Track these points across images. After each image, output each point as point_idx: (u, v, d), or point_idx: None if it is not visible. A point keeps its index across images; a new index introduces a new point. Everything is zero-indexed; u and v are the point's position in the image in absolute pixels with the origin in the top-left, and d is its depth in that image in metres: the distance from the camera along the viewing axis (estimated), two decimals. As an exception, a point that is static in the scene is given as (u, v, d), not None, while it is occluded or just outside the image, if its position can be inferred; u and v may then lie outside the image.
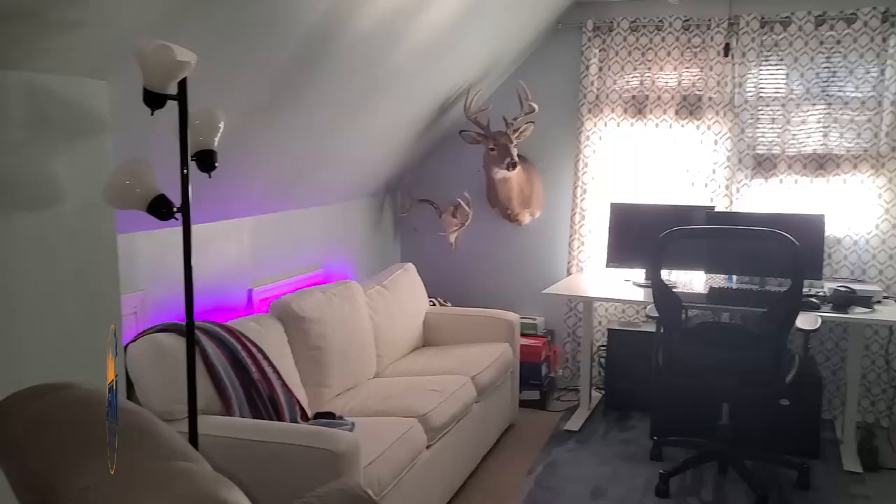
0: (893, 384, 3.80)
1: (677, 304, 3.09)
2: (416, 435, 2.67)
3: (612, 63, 4.13)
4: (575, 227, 4.27)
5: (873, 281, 3.74)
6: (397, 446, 2.51)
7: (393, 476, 2.44)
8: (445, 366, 3.40)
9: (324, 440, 2.15)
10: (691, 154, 4.05)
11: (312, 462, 2.10)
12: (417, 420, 2.73)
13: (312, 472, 2.06)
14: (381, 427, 2.60)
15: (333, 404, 2.92)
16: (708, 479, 3.22)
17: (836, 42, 3.76)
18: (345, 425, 2.53)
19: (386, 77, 3.17)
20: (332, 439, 2.15)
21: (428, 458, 2.75)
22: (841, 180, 3.83)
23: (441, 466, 2.87)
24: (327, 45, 2.61)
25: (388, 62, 3.07)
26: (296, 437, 2.21)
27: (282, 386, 2.61)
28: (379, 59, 2.99)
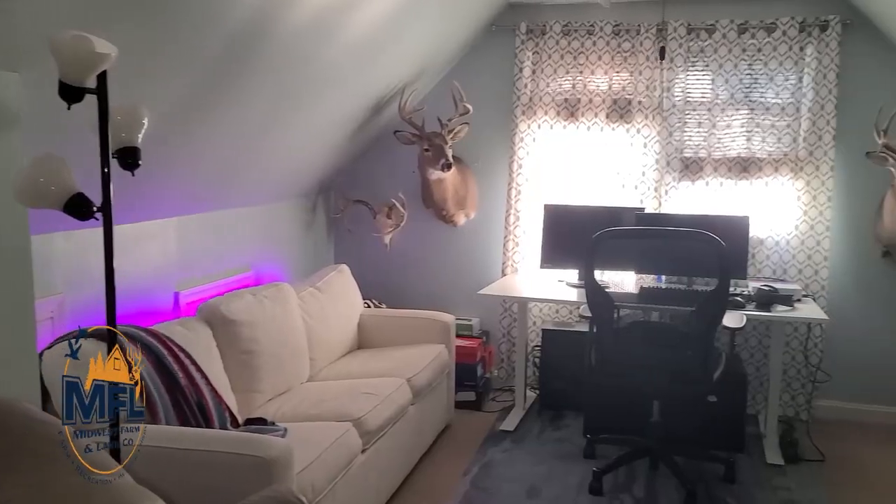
0: (811, 379, 3.96)
1: (609, 303, 3.13)
2: (350, 439, 2.63)
3: (545, 66, 4.17)
4: (509, 228, 4.30)
5: (793, 280, 3.89)
6: (331, 451, 2.46)
7: (327, 481, 2.39)
8: (381, 368, 3.36)
9: (255, 447, 2.09)
10: (622, 156, 4.13)
11: (243, 470, 2.04)
12: (352, 424, 2.69)
13: (243, 480, 2.00)
14: (315, 432, 2.55)
15: (265, 410, 2.85)
16: (640, 476, 3.28)
17: (758, 50, 3.89)
18: (277, 431, 2.46)
19: (319, 74, 3.12)
20: (264, 446, 2.09)
21: (363, 461, 2.71)
22: (763, 183, 3.97)
23: (376, 470, 2.83)
24: (258, 40, 2.55)
25: (321, 58, 3.01)
26: (225, 445, 2.14)
27: (210, 392, 2.52)
28: (312, 55, 2.94)
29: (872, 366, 3.97)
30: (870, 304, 3.96)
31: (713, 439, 3.50)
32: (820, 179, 3.86)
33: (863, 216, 3.90)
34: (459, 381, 4.00)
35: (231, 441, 2.20)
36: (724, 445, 3.48)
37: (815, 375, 3.94)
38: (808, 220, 3.90)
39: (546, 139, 4.24)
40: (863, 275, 3.96)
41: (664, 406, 3.24)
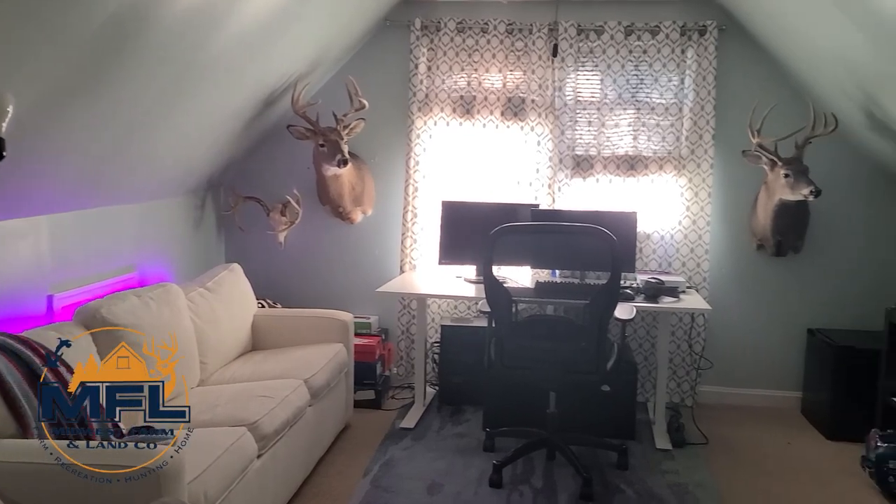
0: (695, 366, 4.16)
1: (507, 298, 3.16)
2: (245, 444, 2.52)
3: (441, 63, 4.18)
4: (407, 224, 4.27)
5: (678, 272, 4.08)
6: (226, 457, 2.35)
7: (222, 489, 2.28)
8: (276, 370, 3.25)
9: (141, 457, 1.96)
10: (516, 154, 4.19)
11: (130, 483, 1.91)
12: (247, 428, 2.59)
13: (130, 493, 1.88)
14: (207, 438, 2.42)
15: (152, 417, 2.69)
16: (538, 466, 3.33)
17: (643, 52, 4.05)
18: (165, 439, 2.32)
19: (205, 64, 2.97)
20: (151, 456, 1.97)
21: (259, 466, 2.61)
22: (649, 180, 4.14)
23: (274, 474, 2.74)
24: (138, 25, 2.39)
25: (207, 48, 2.87)
26: (108, 457, 2.00)
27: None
28: (197, 43, 2.79)
29: (750, 352, 4.22)
30: (747, 294, 4.21)
31: (606, 427, 3.61)
32: (701, 177, 4.06)
33: (740, 211, 4.13)
34: (358, 380, 3.94)
35: (115, 453, 2.05)
36: (616, 433, 3.60)
37: (699, 363, 4.15)
38: (690, 215, 4.10)
39: (442, 136, 4.24)
40: (740, 266, 4.20)
41: (560, 397, 3.31)
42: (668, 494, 3.10)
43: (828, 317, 4.09)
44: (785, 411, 4.14)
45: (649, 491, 3.13)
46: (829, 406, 3.77)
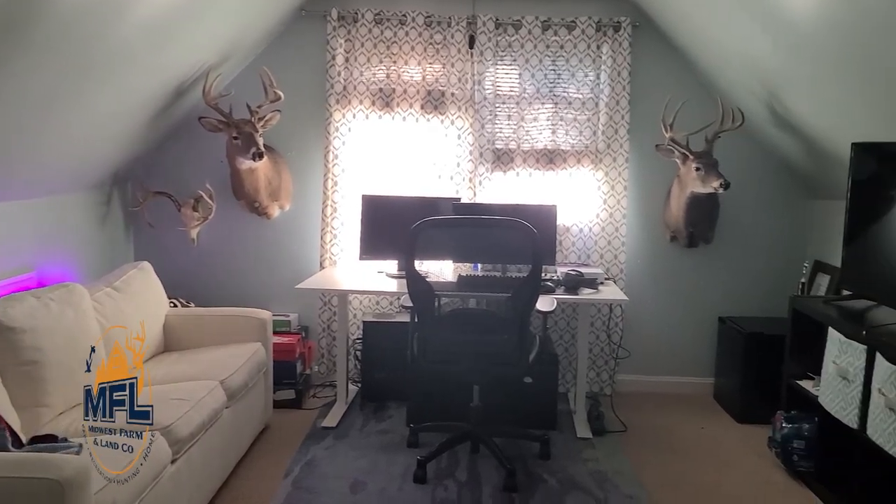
0: (614, 356, 4.26)
1: (430, 293, 3.14)
2: (158, 449, 2.40)
3: (359, 54, 4.11)
4: (327, 219, 4.19)
5: (596, 265, 4.16)
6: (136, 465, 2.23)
7: (132, 498, 2.17)
8: (190, 371, 3.12)
9: (43, 467, 1.84)
10: (437, 147, 4.17)
11: (32, 494, 1.79)
12: (159, 433, 2.46)
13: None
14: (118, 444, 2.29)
15: (55, 425, 2.53)
16: (462, 460, 3.33)
17: (560, 47, 4.10)
18: (70, 448, 2.18)
19: (109, 52, 2.81)
20: (54, 465, 1.85)
21: (174, 472, 2.49)
22: (568, 174, 4.19)
23: (189, 480, 2.62)
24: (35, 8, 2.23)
25: (110, 35, 2.71)
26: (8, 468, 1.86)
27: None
28: (99, 30, 2.63)
29: (664, 341, 4.36)
30: (661, 284, 4.33)
31: (529, 419, 3.65)
32: (617, 170, 4.15)
33: (654, 204, 4.25)
34: (278, 380, 3.84)
35: (14, 464, 1.92)
36: (539, 424, 3.64)
37: (617, 352, 4.25)
38: (607, 208, 4.18)
39: (362, 129, 4.18)
40: (655, 258, 4.32)
41: (484, 390, 3.31)
42: (589, 482, 3.16)
43: (737, 305, 4.26)
44: (698, 397, 4.29)
45: (571, 479, 3.18)
46: (739, 391, 3.93)
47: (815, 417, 3.14)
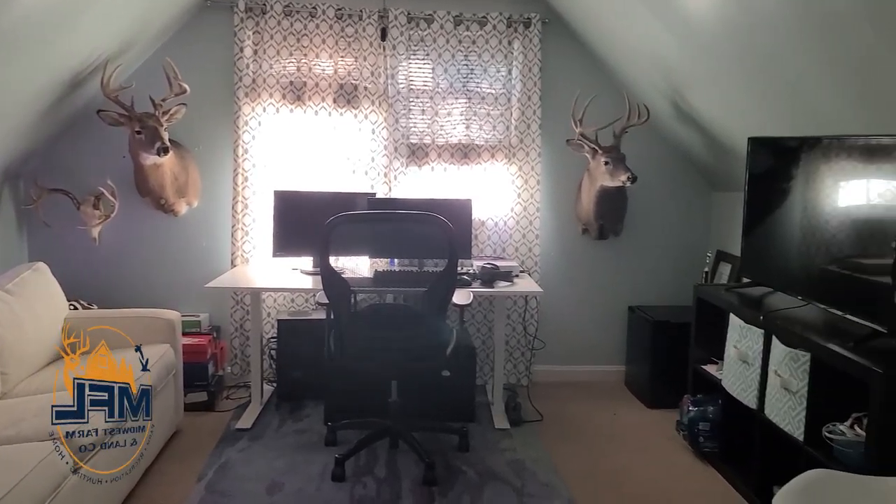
0: (530, 347, 4.33)
1: (346, 289, 3.11)
2: (57, 459, 2.27)
3: (268, 47, 4.01)
4: (237, 216, 4.07)
5: (511, 258, 4.21)
6: (34, 476, 2.11)
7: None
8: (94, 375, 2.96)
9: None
10: (351, 142, 4.12)
11: None
12: (60, 441, 2.33)
13: None
14: (12, 456, 2.17)
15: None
16: (382, 456, 3.31)
17: (472, 42, 4.13)
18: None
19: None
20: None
21: (76, 482, 2.37)
22: (482, 168, 4.23)
23: (94, 489, 2.49)
24: None
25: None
26: None
27: None
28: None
29: (578, 331, 4.46)
30: (574, 276, 4.43)
31: (448, 412, 3.67)
32: (530, 165, 4.22)
33: (566, 198, 4.34)
34: (189, 382, 3.71)
35: None
36: (457, 416, 3.67)
37: (533, 343, 4.32)
38: (521, 202, 4.24)
39: (273, 123, 4.08)
40: (567, 250, 4.41)
41: (402, 385, 3.30)
42: (507, 472, 3.20)
43: (646, 295, 4.41)
44: (611, 384, 4.42)
45: (489, 470, 3.21)
46: (648, 377, 4.07)
47: (718, 400, 3.28)
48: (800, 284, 2.87)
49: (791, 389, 2.61)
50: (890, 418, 2.19)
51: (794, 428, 2.60)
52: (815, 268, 2.76)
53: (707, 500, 3.01)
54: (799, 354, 2.59)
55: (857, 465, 2.30)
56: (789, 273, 2.95)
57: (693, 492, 3.08)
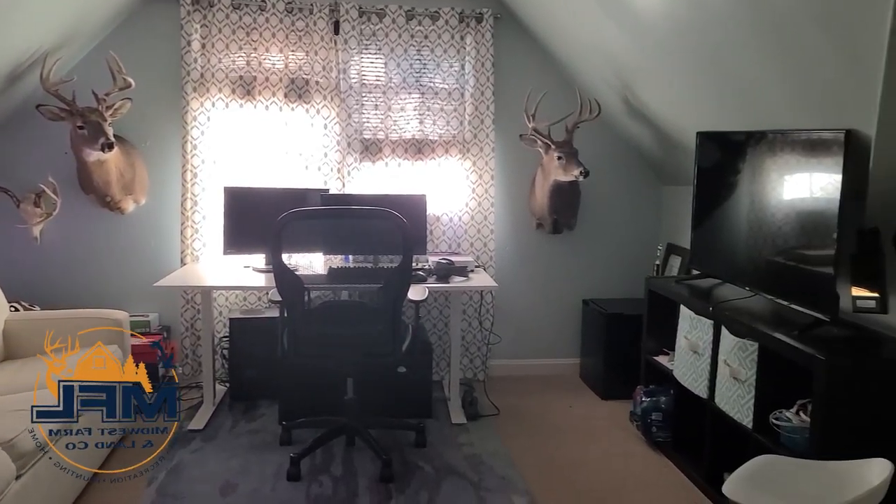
0: (486, 342, 4.35)
1: (299, 286, 3.07)
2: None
3: (216, 40, 3.92)
4: (187, 213, 3.98)
5: (466, 253, 4.22)
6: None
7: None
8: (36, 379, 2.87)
9: None
10: (303, 137, 4.07)
11: None
12: (1, 447, 2.25)
13: None
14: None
15: None
16: (338, 454, 3.29)
17: (425, 37, 4.11)
18: None
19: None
20: None
21: (19, 490, 2.29)
22: (436, 163, 4.22)
23: (39, 495, 2.42)
24: None
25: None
26: None
27: None
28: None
29: (533, 325, 4.49)
30: (528, 270, 4.46)
31: (405, 408, 3.65)
32: (484, 160, 4.22)
33: (520, 193, 4.36)
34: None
35: None
36: (414, 413, 3.65)
37: (489, 338, 4.34)
38: (476, 197, 4.25)
39: (222, 118, 4.00)
40: (522, 245, 4.44)
41: (358, 382, 3.28)
42: (464, 466, 3.21)
43: (599, 288, 4.47)
44: (566, 377, 4.46)
45: (447, 465, 3.21)
46: (602, 369, 4.12)
47: (670, 390, 3.34)
48: (747, 276, 2.94)
49: (740, 378, 2.68)
50: (832, 404, 2.26)
51: (743, 416, 2.66)
52: (762, 259, 2.83)
53: (660, 488, 3.07)
54: (747, 344, 2.65)
55: (802, 449, 2.37)
56: (737, 265, 3.02)
57: (646, 481, 3.13)
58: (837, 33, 2.12)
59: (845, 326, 2.54)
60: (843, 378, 2.25)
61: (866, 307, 2.45)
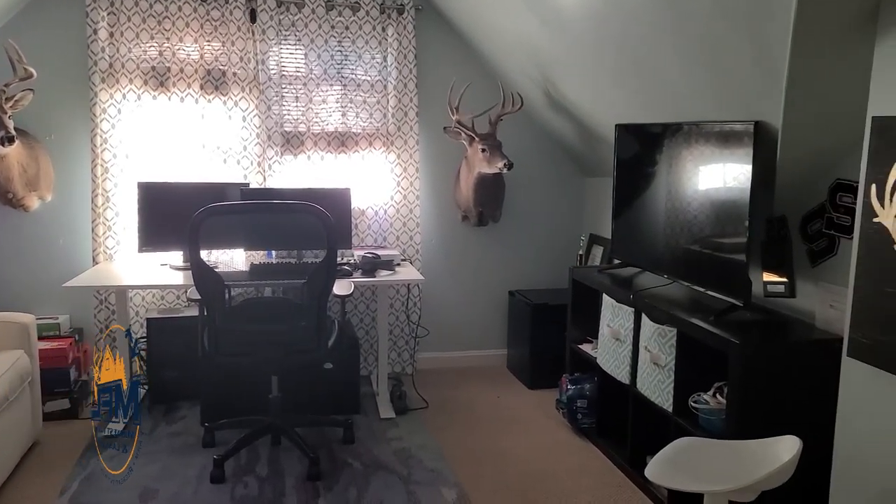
0: (414, 335, 4.33)
1: (219, 283, 2.98)
2: None
3: (125, 29, 3.76)
4: (98, 210, 3.81)
5: (392, 246, 4.19)
6: None
7: None
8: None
9: None
10: (221, 130, 3.95)
11: None
12: None
13: None
14: None
15: None
16: (263, 454, 3.21)
17: (346, 28, 4.05)
18: None
19: None
20: None
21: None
22: (360, 157, 4.17)
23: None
24: None
25: None
26: None
27: None
28: None
29: (461, 317, 4.51)
30: (455, 263, 4.47)
31: (332, 405, 3.61)
32: (408, 153, 4.20)
33: (445, 185, 4.36)
34: (49, 389, 3.45)
35: None
36: (342, 409, 3.62)
37: (417, 331, 4.33)
38: (401, 190, 4.22)
39: (135, 111, 3.84)
40: (448, 237, 4.44)
41: (283, 380, 3.22)
42: (393, 461, 3.19)
43: (525, 279, 4.52)
44: (494, 368, 4.50)
45: (376, 460, 3.19)
46: (529, 359, 4.17)
47: (594, 377, 3.41)
48: (666, 264, 3.02)
49: (660, 364, 2.75)
50: (746, 385, 2.34)
51: (664, 400, 2.74)
52: (679, 248, 2.91)
53: (586, 474, 3.13)
54: (666, 330, 2.72)
55: (719, 430, 2.45)
56: (656, 253, 3.10)
57: (573, 467, 3.18)
58: (744, 27, 2.20)
59: (758, 311, 2.65)
60: (755, 360, 2.34)
61: (776, 292, 2.56)
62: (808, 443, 2.00)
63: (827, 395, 2.21)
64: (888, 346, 1.94)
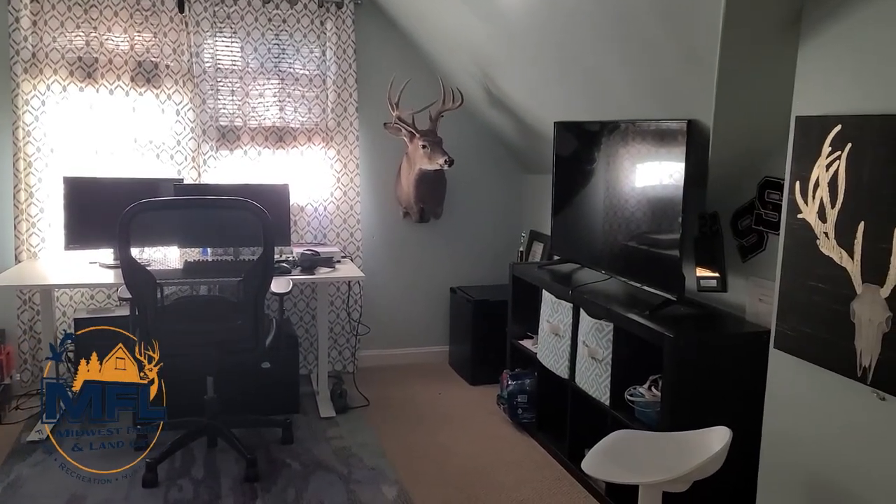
0: (354, 333, 4.29)
1: (151, 282, 2.89)
2: None
3: (49, 17, 3.60)
4: (21, 206, 3.65)
5: (333, 243, 4.14)
6: None
7: None
8: None
9: None
10: (154, 124, 3.83)
11: None
12: None
13: None
14: None
15: None
16: (199, 456, 3.14)
17: (283, 21, 3.97)
18: None
19: None
20: None
21: None
22: (299, 152, 4.10)
23: None
24: None
25: None
26: None
27: None
28: None
29: (402, 314, 4.49)
30: (396, 259, 4.45)
31: (269, 404, 3.54)
32: (349, 148, 4.15)
33: (386, 181, 4.33)
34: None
35: None
36: (281, 409, 3.56)
37: (357, 329, 4.29)
38: (341, 186, 4.17)
39: (60, 103, 3.69)
40: (389, 234, 4.41)
41: (219, 380, 3.14)
42: (333, 460, 3.15)
43: (466, 275, 4.53)
44: (436, 365, 4.50)
45: (315, 460, 3.15)
46: (470, 355, 4.18)
47: (535, 373, 3.44)
48: (604, 260, 3.07)
49: (597, 358, 2.79)
50: (679, 378, 2.40)
51: (601, 394, 2.78)
52: (617, 244, 2.96)
53: (526, 468, 3.15)
54: (603, 325, 2.76)
55: (654, 422, 2.50)
56: (594, 249, 3.14)
57: (513, 461, 3.21)
58: (675, 27, 2.24)
59: (691, 305, 2.71)
60: (688, 353, 2.39)
61: (709, 286, 2.63)
62: (738, 433, 2.06)
63: (757, 386, 2.28)
64: (811, 338, 2.01)
